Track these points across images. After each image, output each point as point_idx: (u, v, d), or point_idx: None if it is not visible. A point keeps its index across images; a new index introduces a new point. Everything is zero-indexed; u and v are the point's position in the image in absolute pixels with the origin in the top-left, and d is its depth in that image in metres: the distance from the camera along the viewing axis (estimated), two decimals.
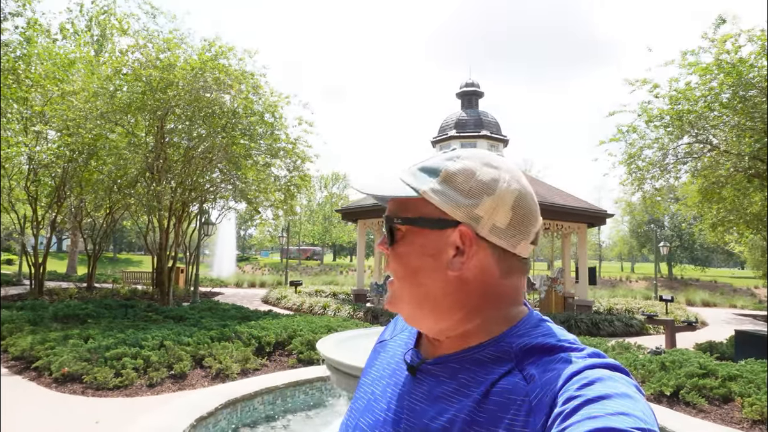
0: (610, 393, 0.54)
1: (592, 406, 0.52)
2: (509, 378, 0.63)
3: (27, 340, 7.44)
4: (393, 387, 0.75)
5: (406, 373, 0.75)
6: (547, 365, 0.62)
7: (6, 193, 14.56)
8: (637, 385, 0.58)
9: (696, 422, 4.70)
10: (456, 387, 0.67)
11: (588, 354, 0.63)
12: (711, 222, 15.25)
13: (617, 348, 8.05)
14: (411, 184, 0.71)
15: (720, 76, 10.27)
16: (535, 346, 0.65)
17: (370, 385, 0.81)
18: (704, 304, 21.73)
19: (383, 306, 0.79)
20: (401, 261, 0.72)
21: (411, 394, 0.71)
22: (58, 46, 13.81)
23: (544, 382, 0.60)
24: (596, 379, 0.56)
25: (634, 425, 0.49)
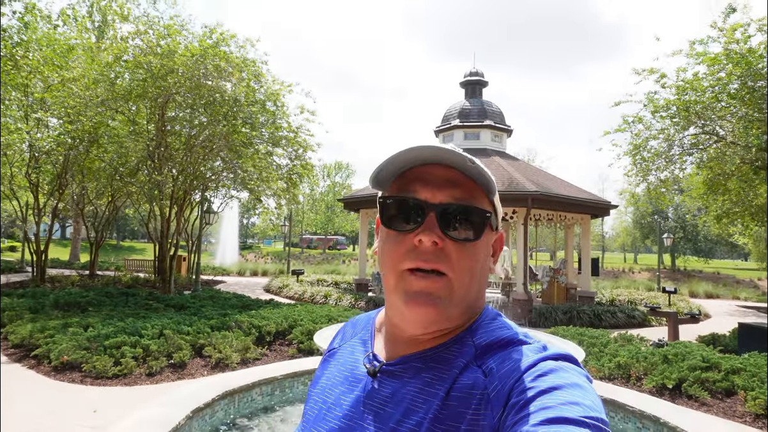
0: (562, 383, 0.57)
1: (545, 396, 0.55)
2: (469, 373, 0.65)
3: (27, 327, 7.44)
4: (348, 394, 0.73)
5: (363, 378, 0.73)
6: (504, 358, 0.64)
7: (8, 180, 14.53)
8: (587, 375, 0.62)
9: (698, 416, 4.65)
10: (421, 386, 0.66)
11: (540, 347, 0.66)
12: (716, 214, 15.12)
13: (619, 340, 7.99)
14: (492, 181, 0.70)
15: (728, 67, 10.08)
16: (493, 341, 0.68)
17: (321, 394, 0.78)
18: (707, 296, 21.66)
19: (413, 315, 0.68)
20: (478, 256, 0.70)
21: (372, 399, 0.69)
22: (58, 33, 13.68)
23: (501, 375, 0.62)
24: (549, 371, 0.59)
25: (584, 414, 0.52)
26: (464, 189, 0.69)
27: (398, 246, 0.69)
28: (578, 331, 8.34)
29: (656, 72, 11.14)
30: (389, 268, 0.70)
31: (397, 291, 0.68)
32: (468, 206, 0.68)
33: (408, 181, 0.70)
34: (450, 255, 0.66)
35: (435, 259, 0.66)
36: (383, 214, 0.71)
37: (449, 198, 0.68)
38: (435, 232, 0.66)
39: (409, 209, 0.68)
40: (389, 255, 0.70)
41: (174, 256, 14.22)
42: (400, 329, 0.72)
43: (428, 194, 0.68)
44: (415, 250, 0.67)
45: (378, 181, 0.72)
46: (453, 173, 0.69)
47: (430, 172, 0.69)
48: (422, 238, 0.66)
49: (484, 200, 0.71)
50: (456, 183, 0.69)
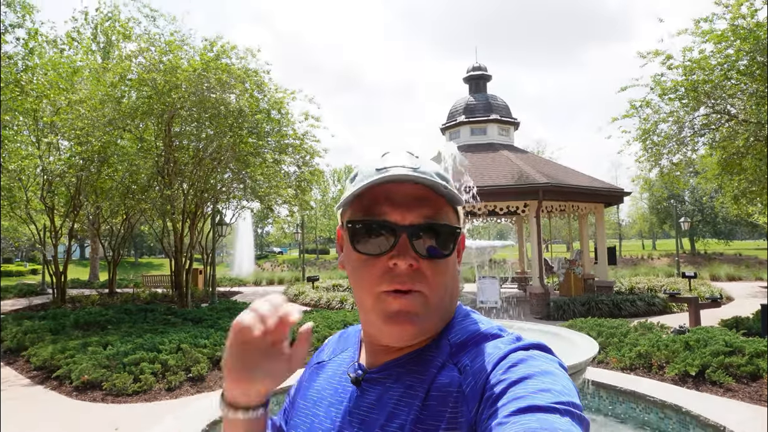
0: (532, 372, 0.57)
1: (516, 387, 0.56)
2: (445, 372, 0.66)
3: (48, 349, 7.55)
4: (337, 406, 0.74)
5: (350, 388, 0.74)
6: (477, 354, 0.65)
7: (24, 205, 14.80)
8: (560, 361, 0.62)
9: (722, 402, 4.54)
10: (403, 390, 0.67)
11: (513, 339, 0.66)
12: (733, 194, 14.82)
13: (639, 329, 7.87)
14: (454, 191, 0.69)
15: (736, 43, 9.86)
16: (467, 338, 0.69)
17: (312, 407, 0.78)
18: (729, 279, 21.24)
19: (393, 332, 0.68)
20: (450, 269, 0.71)
21: (359, 407, 0.70)
22: (64, 56, 13.91)
23: (475, 370, 0.63)
24: (519, 361, 0.60)
25: (555, 400, 0.52)
26: (432, 205, 0.68)
27: (372, 269, 0.68)
28: (597, 322, 8.22)
29: (662, 54, 10.95)
30: (365, 290, 0.69)
31: (375, 311, 0.68)
32: (439, 225, 0.68)
33: (374, 202, 0.69)
34: (425, 273, 0.67)
35: (411, 281, 0.66)
36: (352, 238, 0.70)
37: (419, 218, 0.67)
38: (409, 254, 0.66)
39: (378, 233, 0.67)
40: (364, 278, 0.69)
41: (189, 269, 14.35)
42: (377, 340, 0.72)
43: (398, 216, 0.67)
44: (390, 272, 0.66)
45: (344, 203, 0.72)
46: (421, 190, 0.68)
47: (396, 190, 0.68)
48: (397, 262, 0.66)
49: (450, 212, 0.71)
50: (424, 200, 0.68)
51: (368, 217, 0.68)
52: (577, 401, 0.54)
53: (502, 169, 13.27)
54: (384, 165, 0.70)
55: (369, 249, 0.68)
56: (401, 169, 0.67)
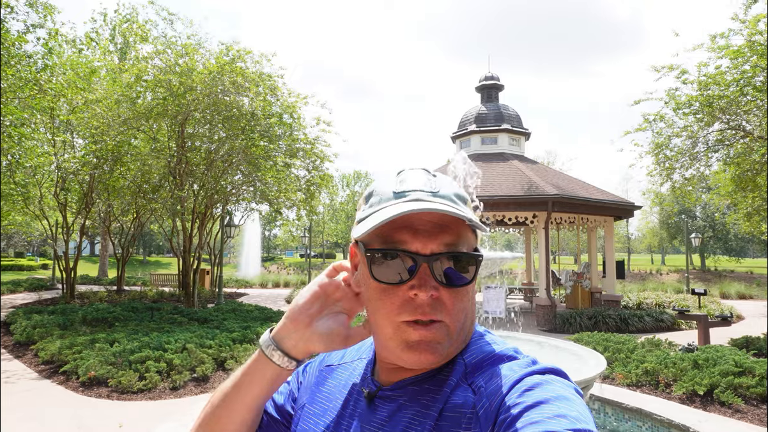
0: (548, 397, 0.57)
1: (531, 411, 0.55)
2: (459, 392, 0.66)
3: (56, 344, 7.62)
4: (348, 419, 0.74)
5: (362, 402, 0.74)
6: (492, 375, 0.65)
7: (37, 201, 15.00)
8: (576, 387, 0.61)
9: (731, 424, 4.47)
10: (417, 409, 0.67)
11: (529, 362, 0.66)
12: (746, 211, 14.62)
13: (647, 345, 7.78)
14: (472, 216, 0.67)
15: (753, 59, 9.79)
16: (482, 359, 0.69)
17: (321, 416, 0.78)
18: (740, 297, 20.95)
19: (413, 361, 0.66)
20: (470, 296, 0.70)
21: (370, 423, 0.70)
22: (82, 56, 14.13)
23: (489, 392, 0.62)
24: (535, 385, 0.59)
25: (570, 426, 0.51)
26: (453, 233, 0.66)
27: (391, 297, 0.66)
28: (603, 337, 8.14)
29: (676, 68, 10.88)
30: (384, 319, 0.67)
31: (395, 340, 0.67)
32: (461, 254, 0.66)
33: (394, 230, 0.66)
34: (445, 302, 0.66)
35: (432, 311, 0.65)
36: (371, 267, 0.67)
37: (441, 246, 0.65)
38: (430, 284, 0.64)
39: (398, 262, 0.66)
40: (383, 307, 0.67)
41: (197, 270, 14.43)
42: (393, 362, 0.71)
43: (419, 245, 0.65)
44: (410, 302, 0.65)
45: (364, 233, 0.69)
46: (440, 216, 0.66)
47: (417, 217, 0.66)
48: (418, 293, 0.64)
49: (470, 235, 0.69)
50: (445, 227, 0.66)
51: (387, 246, 0.66)
52: (593, 429, 0.53)
53: (512, 179, 13.23)
54: (402, 189, 0.68)
55: (388, 278, 0.66)
56: (420, 194, 0.66)
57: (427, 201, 0.65)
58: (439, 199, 0.66)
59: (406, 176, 0.71)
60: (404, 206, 0.64)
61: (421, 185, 0.68)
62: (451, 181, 0.73)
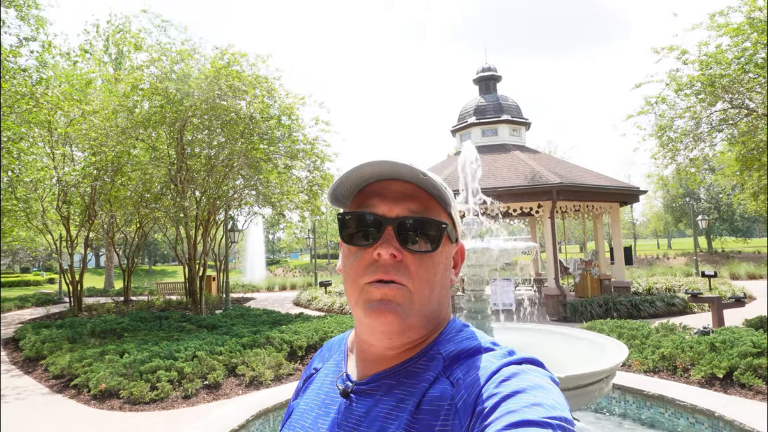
0: (525, 387, 0.58)
1: (509, 401, 0.56)
2: (437, 385, 0.66)
3: (66, 358, 7.58)
4: (324, 417, 0.74)
5: (339, 399, 0.74)
6: (470, 367, 0.65)
7: (40, 216, 14.98)
8: (552, 376, 0.62)
9: (755, 405, 4.38)
10: (394, 403, 0.67)
11: (505, 353, 0.67)
12: (752, 191, 14.50)
13: (661, 330, 7.68)
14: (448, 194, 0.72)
15: (753, 35, 9.67)
16: (460, 351, 0.69)
17: (299, 419, 0.78)
18: (750, 277, 20.80)
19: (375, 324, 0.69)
20: (436, 268, 0.71)
21: (348, 420, 0.70)
22: (77, 68, 14.09)
23: (467, 384, 0.63)
24: (511, 375, 0.60)
25: (547, 414, 0.53)
26: (420, 202, 0.71)
27: (359, 261, 0.70)
28: (617, 324, 8.05)
29: (676, 49, 10.76)
30: (351, 282, 0.71)
31: (359, 303, 0.70)
32: (424, 219, 0.70)
33: (366, 197, 0.72)
34: (409, 267, 0.68)
35: (394, 272, 0.68)
36: (343, 231, 0.73)
37: (405, 211, 0.70)
38: (393, 245, 0.68)
39: (367, 224, 0.70)
40: (351, 270, 0.71)
41: (203, 276, 14.39)
42: (368, 344, 0.73)
43: (385, 209, 0.70)
44: (374, 263, 0.68)
45: (336, 197, 0.75)
46: (409, 187, 0.71)
47: (386, 187, 0.72)
48: (380, 252, 0.68)
49: (441, 212, 0.73)
50: (412, 196, 0.71)
51: (359, 210, 0.72)
52: (569, 416, 0.55)
53: (515, 170, 13.14)
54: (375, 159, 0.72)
55: (357, 241, 0.71)
56: (397, 161, 0.69)
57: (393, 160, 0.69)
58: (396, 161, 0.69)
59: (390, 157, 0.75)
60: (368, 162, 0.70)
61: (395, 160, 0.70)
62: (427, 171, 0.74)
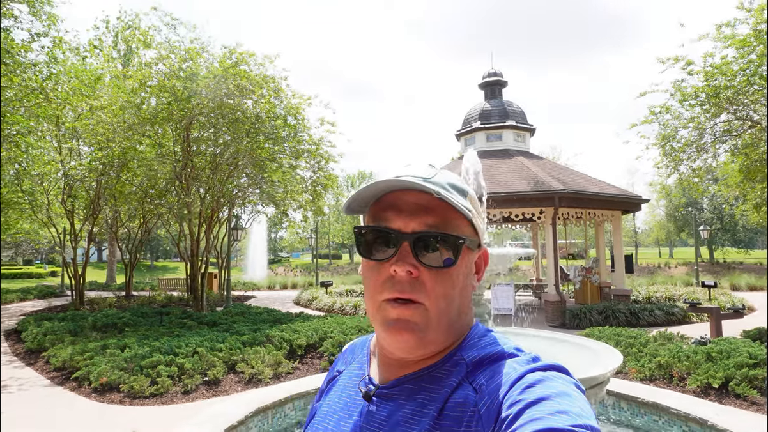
0: (550, 394, 0.57)
1: (533, 408, 0.55)
2: (460, 391, 0.65)
3: (67, 350, 7.66)
4: (347, 420, 0.74)
5: (361, 402, 0.74)
6: (494, 373, 0.65)
7: (45, 209, 15.09)
8: (577, 383, 0.61)
9: (748, 416, 4.42)
10: (415, 408, 0.67)
11: (530, 359, 0.66)
12: (755, 202, 14.50)
13: (659, 338, 7.72)
14: (461, 203, 0.69)
15: (759, 48, 9.70)
16: (483, 357, 0.68)
17: (322, 421, 0.78)
18: (750, 288, 20.77)
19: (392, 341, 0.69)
20: (455, 281, 0.70)
21: (369, 423, 0.70)
22: (86, 63, 14.21)
23: (491, 390, 0.62)
24: (536, 382, 0.59)
25: (572, 422, 0.52)
26: (437, 214, 0.68)
27: (376, 275, 0.69)
28: (615, 331, 8.09)
29: (682, 59, 10.80)
30: (369, 296, 0.71)
31: (377, 320, 0.70)
32: (441, 234, 0.67)
33: (382, 209, 0.70)
34: (425, 283, 0.67)
35: (410, 289, 0.67)
36: (359, 245, 0.72)
37: (422, 226, 0.68)
38: (408, 262, 0.67)
39: (382, 239, 0.69)
40: (369, 284, 0.71)
41: (205, 273, 14.47)
42: (389, 352, 0.73)
43: (401, 223, 0.68)
44: (391, 279, 0.67)
45: (353, 208, 0.74)
46: (426, 198, 0.68)
47: (403, 198, 0.69)
48: (396, 269, 0.66)
49: (461, 222, 0.70)
50: (429, 209, 0.68)
51: (374, 224, 0.70)
52: (595, 424, 0.54)
53: (518, 176, 13.18)
54: (398, 175, 0.70)
55: (374, 255, 0.70)
56: (411, 178, 0.67)
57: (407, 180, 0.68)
58: (427, 183, 0.67)
59: (409, 166, 0.73)
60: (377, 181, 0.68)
61: (415, 172, 0.70)
62: (453, 174, 0.74)
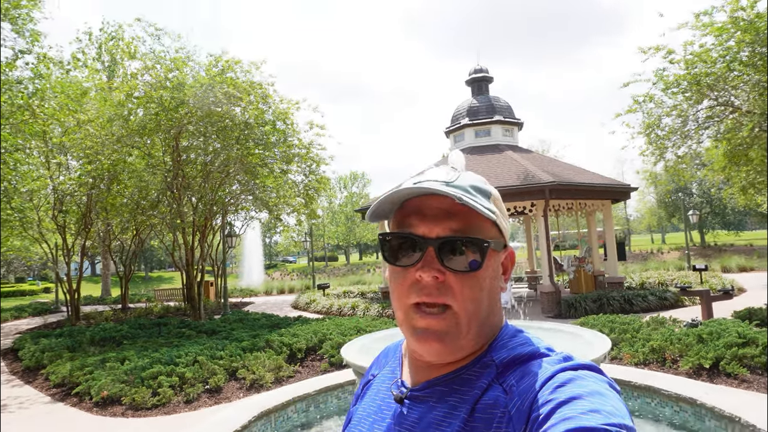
0: (581, 393, 0.56)
1: (565, 407, 0.55)
2: (491, 392, 0.65)
3: (66, 366, 7.66)
4: (380, 423, 0.75)
5: (393, 405, 0.75)
6: (524, 374, 0.64)
7: (36, 225, 15.01)
8: (610, 381, 0.61)
9: (737, 394, 4.55)
10: (447, 410, 0.67)
11: (561, 359, 0.65)
12: (740, 185, 14.73)
13: (652, 323, 7.85)
14: (485, 205, 0.69)
15: (737, 34, 9.87)
16: (514, 358, 0.68)
17: (357, 425, 0.80)
18: (741, 270, 21.07)
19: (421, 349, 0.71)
20: (482, 284, 0.69)
21: (401, 425, 0.71)
22: (71, 77, 14.15)
23: (521, 390, 0.62)
24: (567, 381, 0.59)
25: (605, 421, 0.51)
26: (461, 219, 0.68)
27: (402, 281, 0.69)
28: (609, 319, 8.22)
29: (662, 49, 10.97)
30: (396, 302, 0.71)
31: (405, 326, 0.70)
32: (466, 238, 0.67)
33: (406, 215, 0.71)
34: (453, 287, 0.67)
35: (437, 293, 0.67)
36: (384, 250, 0.72)
37: (446, 231, 0.68)
38: (434, 267, 0.67)
39: (407, 245, 0.69)
40: (395, 289, 0.71)
41: (201, 282, 14.48)
42: (419, 355, 0.74)
43: (425, 228, 0.68)
44: (417, 284, 0.68)
45: (377, 216, 0.74)
46: (449, 202, 0.68)
47: (426, 204, 0.69)
48: (422, 274, 0.66)
49: (485, 224, 0.70)
50: (452, 213, 0.68)
51: (398, 231, 0.70)
52: (630, 423, 0.53)
53: (508, 170, 13.31)
54: (419, 179, 0.71)
55: (399, 261, 0.70)
56: (432, 183, 0.68)
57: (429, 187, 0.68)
58: (448, 188, 0.67)
59: (430, 170, 0.74)
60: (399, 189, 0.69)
61: (437, 176, 0.71)
62: (476, 176, 0.74)
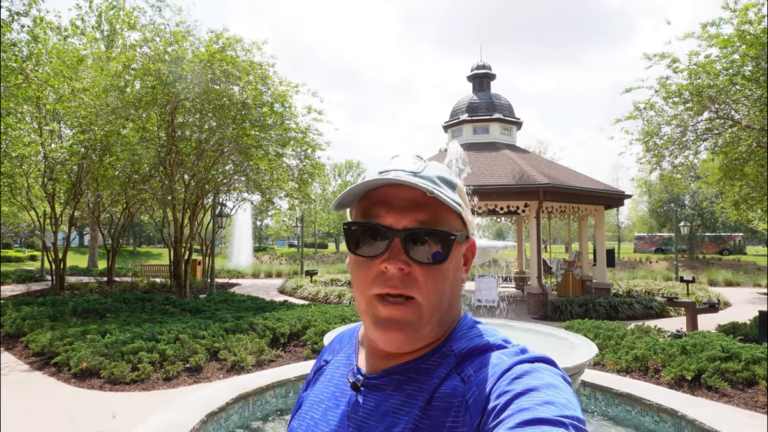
0: (537, 385, 0.57)
1: (521, 399, 0.56)
2: (449, 382, 0.66)
3: (47, 335, 7.57)
4: (334, 409, 0.74)
5: (349, 392, 0.74)
6: (482, 365, 0.65)
7: (25, 192, 14.81)
8: (564, 375, 0.62)
9: (718, 407, 4.57)
10: (404, 399, 0.67)
11: (518, 351, 0.66)
12: (733, 200, 14.83)
13: (636, 332, 7.88)
14: (450, 196, 0.68)
15: (742, 48, 9.86)
16: (472, 349, 0.68)
17: (309, 411, 0.78)
18: (727, 284, 21.27)
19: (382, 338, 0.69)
20: (446, 276, 0.69)
21: (357, 413, 0.70)
22: (68, 44, 13.89)
23: (479, 381, 0.63)
24: (524, 373, 0.60)
25: (559, 413, 0.53)
26: (428, 210, 0.68)
27: (366, 271, 0.68)
28: (594, 324, 8.24)
29: (667, 57, 10.94)
30: (359, 292, 0.70)
31: (367, 315, 0.69)
32: (432, 230, 0.67)
33: (372, 204, 0.69)
34: (418, 279, 0.66)
35: (402, 285, 0.66)
36: (349, 241, 0.70)
37: (413, 222, 0.67)
38: (400, 258, 0.66)
39: (373, 235, 0.68)
40: (358, 279, 0.70)
41: (188, 260, 14.37)
42: (377, 344, 0.72)
43: (392, 219, 0.67)
44: (382, 275, 0.67)
45: (343, 205, 0.72)
46: (416, 193, 0.67)
47: (393, 194, 0.68)
48: (388, 266, 0.66)
49: (451, 217, 0.70)
50: (420, 205, 0.67)
51: (363, 220, 0.69)
52: (581, 416, 0.55)
53: (504, 169, 13.28)
54: (387, 168, 0.70)
55: (364, 251, 0.68)
56: (401, 173, 0.67)
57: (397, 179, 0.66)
58: (416, 179, 0.66)
59: (396, 159, 0.73)
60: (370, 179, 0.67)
61: (404, 166, 0.70)
62: (441, 166, 0.73)
